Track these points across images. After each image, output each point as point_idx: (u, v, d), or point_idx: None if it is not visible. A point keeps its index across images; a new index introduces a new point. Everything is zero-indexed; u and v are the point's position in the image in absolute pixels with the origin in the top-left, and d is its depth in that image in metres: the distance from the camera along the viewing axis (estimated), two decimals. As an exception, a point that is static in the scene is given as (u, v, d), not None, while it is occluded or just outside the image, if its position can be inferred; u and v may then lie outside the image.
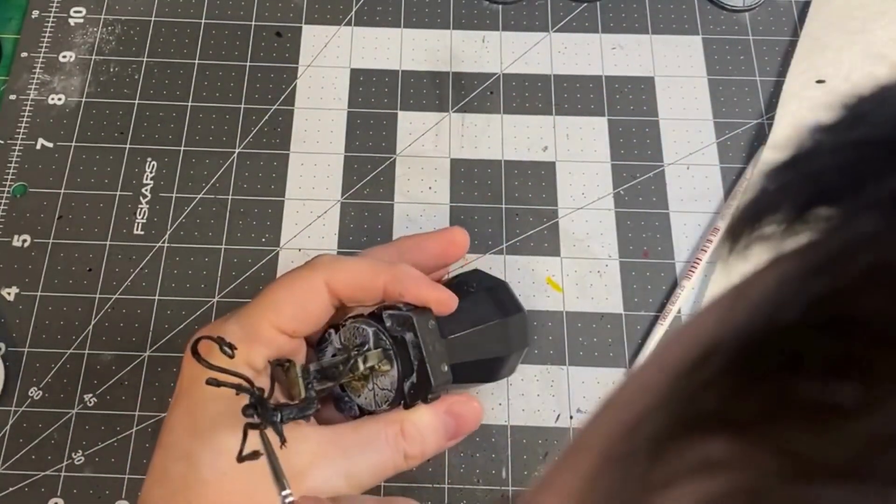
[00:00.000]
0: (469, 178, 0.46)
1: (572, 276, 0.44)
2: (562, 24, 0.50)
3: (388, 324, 0.34)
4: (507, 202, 0.45)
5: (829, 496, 0.09)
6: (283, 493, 0.28)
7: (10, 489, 0.39)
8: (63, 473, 0.39)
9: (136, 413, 0.41)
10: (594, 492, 0.12)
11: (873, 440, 0.09)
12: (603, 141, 0.47)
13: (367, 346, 0.34)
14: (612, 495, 0.11)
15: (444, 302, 0.34)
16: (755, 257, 0.13)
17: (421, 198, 0.45)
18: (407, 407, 0.34)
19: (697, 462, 0.10)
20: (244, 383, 0.28)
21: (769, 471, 0.09)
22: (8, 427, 0.40)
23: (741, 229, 0.13)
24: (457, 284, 0.37)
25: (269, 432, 0.29)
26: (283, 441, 0.29)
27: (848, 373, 0.09)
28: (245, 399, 0.28)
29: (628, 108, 0.48)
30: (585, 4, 0.51)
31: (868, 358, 0.09)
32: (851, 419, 0.09)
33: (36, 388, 0.41)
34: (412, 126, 0.47)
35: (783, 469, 0.09)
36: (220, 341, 0.28)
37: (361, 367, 0.33)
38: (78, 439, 0.40)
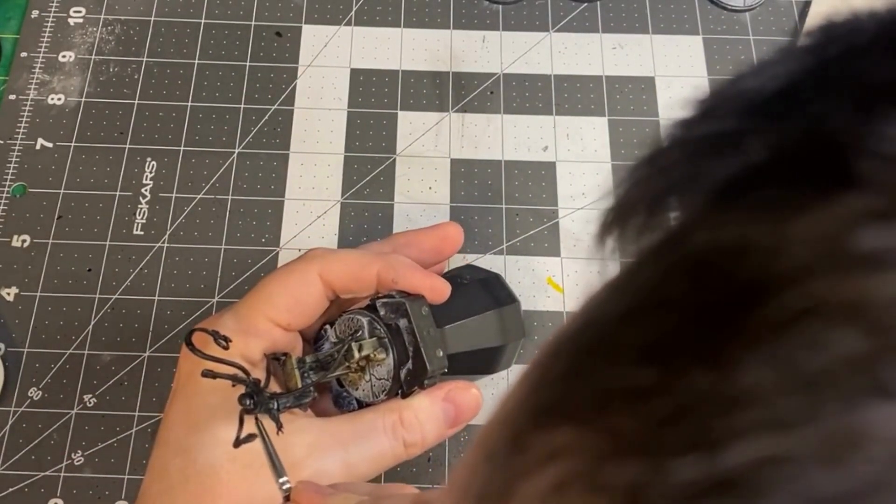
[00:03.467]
0: (469, 178, 0.46)
1: (572, 276, 0.44)
2: (562, 24, 0.50)
3: (381, 312, 0.34)
4: (507, 202, 0.45)
5: (627, 473, 0.10)
6: (281, 479, 0.28)
7: (10, 489, 0.39)
8: (63, 474, 0.39)
9: (136, 413, 0.40)
10: (473, 485, 0.13)
11: (661, 418, 0.10)
12: (603, 141, 0.47)
13: (360, 332, 0.34)
14: (485, 487, 0.12)
15: (438, 289, 0.34)
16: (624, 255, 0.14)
17: (421, 198, 0.45)
18: (405, 395, 0.34)
19: (548, 451, 0.11)
20: (239, 373, 0.28)
21: (600, 452, 0.10)
22: (8, 427, 0.40)
23: (608, 229, 0.14)
24: (450, 278, 0.37)
25: (266, 421, 0.29)
26: (279, 427, 0.29)
27: (650, 360, 0.10)
28: (241, 389, 0.28)
29: (628, 108, 0.48)
30: (585, 4, 0.51)
31: (666, 345, 0.10)
32: (650, 400, 0.10)
33: (36, 389, 0.41)
34: (412, 126, 0.47)
35: (609, 449, 0.10)
36: (215, 334, 0.28)
37: (356, 353, 0.33)
38: (78, 439, 0.40)
